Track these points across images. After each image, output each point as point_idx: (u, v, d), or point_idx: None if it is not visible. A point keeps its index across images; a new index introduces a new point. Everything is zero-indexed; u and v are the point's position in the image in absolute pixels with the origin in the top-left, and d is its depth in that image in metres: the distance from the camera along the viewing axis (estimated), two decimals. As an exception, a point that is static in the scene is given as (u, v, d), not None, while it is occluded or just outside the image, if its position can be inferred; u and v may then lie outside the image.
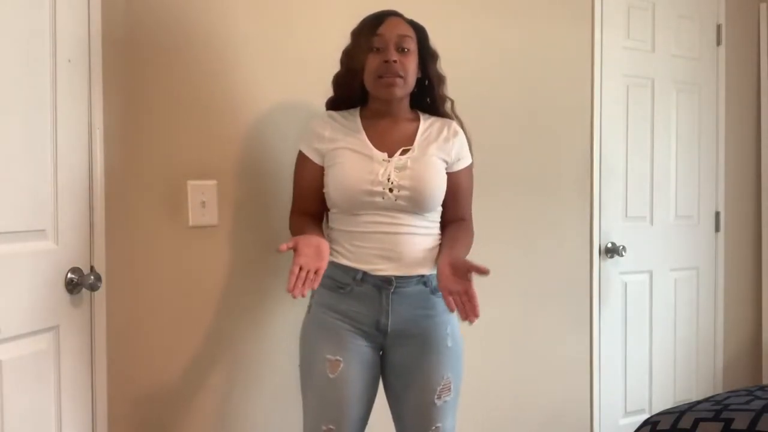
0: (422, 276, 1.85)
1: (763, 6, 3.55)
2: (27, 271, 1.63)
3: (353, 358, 1.82)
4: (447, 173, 1.92)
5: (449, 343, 1.88)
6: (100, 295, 1.85)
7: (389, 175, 1.82)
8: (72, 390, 1.77)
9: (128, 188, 1.97)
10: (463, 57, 2.51)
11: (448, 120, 1.98)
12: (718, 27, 3.44)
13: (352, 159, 1.85)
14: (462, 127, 1.99)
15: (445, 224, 1.96)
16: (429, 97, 2.00)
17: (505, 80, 2.73)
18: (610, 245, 3.05)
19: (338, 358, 1.80)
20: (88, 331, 1.82)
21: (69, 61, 1.73)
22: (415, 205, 1.84)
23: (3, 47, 1.54)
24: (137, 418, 2.01)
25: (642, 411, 3.15)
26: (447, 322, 1.89)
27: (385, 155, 1.85)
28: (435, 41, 1.98)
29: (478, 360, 2.57)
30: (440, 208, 1.94)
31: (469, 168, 1.99)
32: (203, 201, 2.08)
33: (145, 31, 2.00)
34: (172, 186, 2.05)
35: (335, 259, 1.86)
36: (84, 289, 1.77)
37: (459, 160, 1.95)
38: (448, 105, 2.01)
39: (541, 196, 2.84)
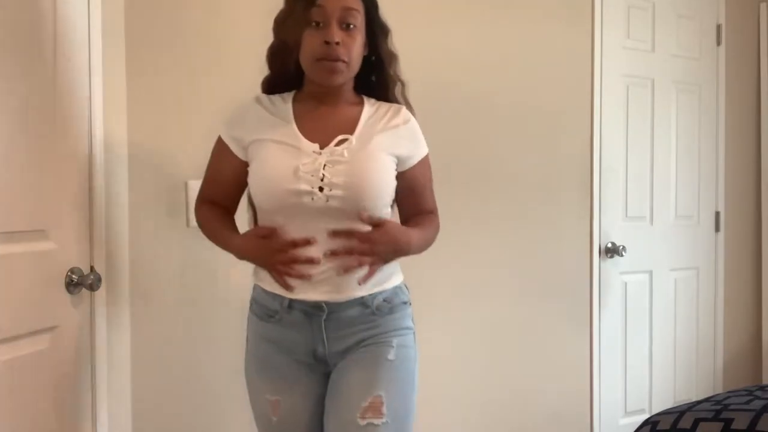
0: (361, 298, 1.54)
1: (763, 6, 3.55)
2: (27, 271, 1.62)
3: (293, 394, 1.58)
4: (400, 171, 1.60)
5: (391, 357, 1.55)
6: (100, 295, 1.85)
7: (320, 171, 1.49)
8: (72, 390, 1.77)
9: (128, 188, 1.97)
10: (463, 57, 2.50)
11: (396, 105, 1.64)
12: (718, 27, 3.44)
13: (275, 152, 1.53)
14: (413, 114, 1.65)
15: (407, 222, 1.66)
16: (376, 77, 1.66)
17: (505, 80, 2.73)
18: (610, 245, 3.05)
19: (277, 398, 1.58)
20: (88, 331, 1.83)
21: (69, 60, 1.74)
22: (351, 208, 1.49)
23: (3, 46, 1.54)
24: (137, 417, 2.01)
25: (642, 411, 3.15)
26: (393, 334, 1.57)
27: (316, 146, 1.52)
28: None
29: (478, 360, 2.57)
30: (388, 211, 1.60)
31: (426, 158, 1.65)
32: (203, 201, 2.07)
33: (146, 30, 2.00)
34: (172, 186, 2.05)
35: (260, 283, 1.62)
36: (84, 289, 1.77)
37: (413, 153, 1.61)
38: (398, 88, 1.67)
39: (541, 196, 2.84)
